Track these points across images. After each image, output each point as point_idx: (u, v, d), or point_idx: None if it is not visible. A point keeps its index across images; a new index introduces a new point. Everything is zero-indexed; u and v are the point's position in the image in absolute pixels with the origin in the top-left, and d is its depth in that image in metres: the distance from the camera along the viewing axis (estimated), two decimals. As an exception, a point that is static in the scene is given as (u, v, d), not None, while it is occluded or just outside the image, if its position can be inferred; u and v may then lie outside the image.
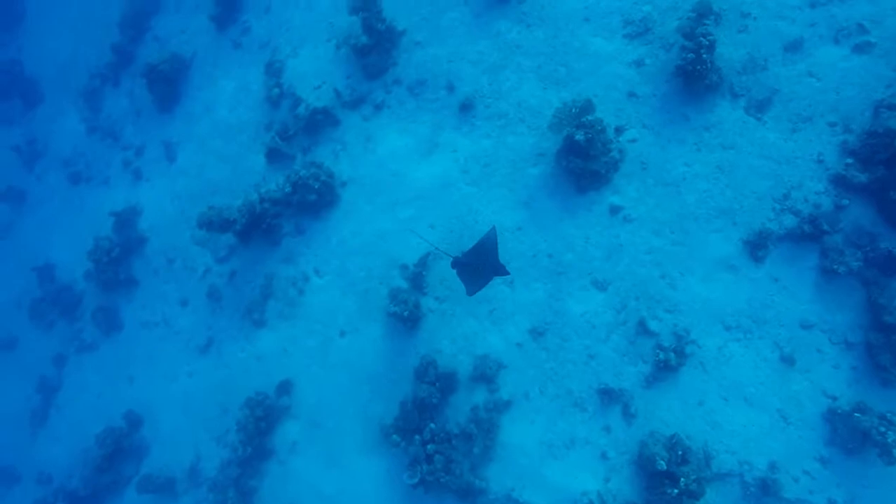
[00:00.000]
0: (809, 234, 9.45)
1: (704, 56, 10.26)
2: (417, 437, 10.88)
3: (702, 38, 10.26)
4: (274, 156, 14.37)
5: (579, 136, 10.63)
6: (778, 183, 9.95)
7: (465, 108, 12.82)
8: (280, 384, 12.99)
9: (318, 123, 14.18)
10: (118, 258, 16.12)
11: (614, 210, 10.94)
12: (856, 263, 9.11)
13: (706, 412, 9.51)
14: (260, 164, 14.95)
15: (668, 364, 9.69)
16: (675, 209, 10.54)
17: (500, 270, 9.37)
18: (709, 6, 10.71)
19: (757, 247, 9.75)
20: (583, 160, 10.87)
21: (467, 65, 13.16)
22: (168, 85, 16.96)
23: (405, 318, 11.57)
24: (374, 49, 13.74)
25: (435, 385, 10.98)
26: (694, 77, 10.54)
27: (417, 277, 12.13)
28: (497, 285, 11.58)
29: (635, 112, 11.32)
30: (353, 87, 14.22)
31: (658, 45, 11.44)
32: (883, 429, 8.44)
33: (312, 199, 13.43)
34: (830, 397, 8.98)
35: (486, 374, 10.91)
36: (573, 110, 10.90)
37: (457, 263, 9.71)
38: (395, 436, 11.06)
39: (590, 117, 10.79)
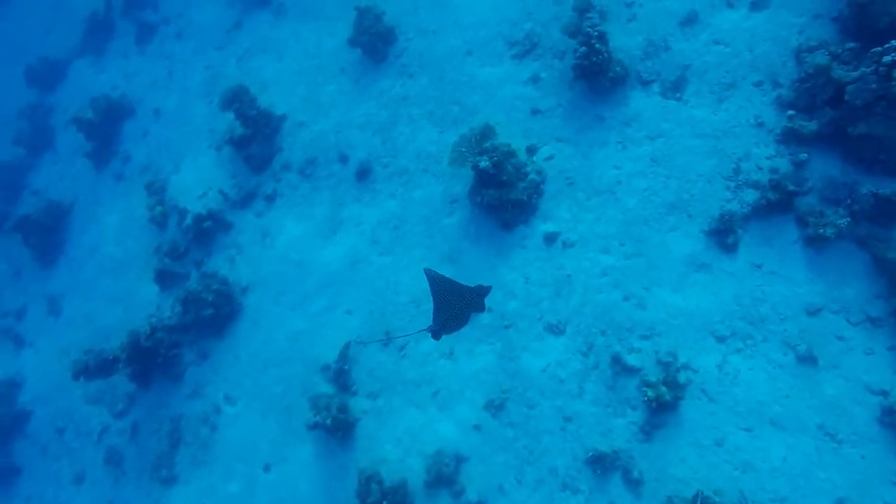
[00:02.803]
0: (777, 202, 7.50)
1: (598, 46, 8.77)
2: (375, 584, 7.80)
3: (590, 30, 8.83)
4: (165, 279, 11.98)
5: (484, 163, 8.74)
6: (723, 159, 8.14)
7: (363, 174, 10.94)
8: (201, 555, 9.73)
9: (207, 232, 12.01)
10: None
11: (550, 238, 8.86)
12: (842, 221, 7.11)
13: (730, 453, 6.92)
14: (153, 293, 12.48)
15: (661, 402, 7.20)
16: (618, 218, 8.55)
17: (479, 293, 6.84)
18: (587, 2, 9.43)
19: (723, 234, 7.72)
20: (497, 189, 8.91)
21: (356, 131, 11.46)
22: (46, 235, 14.70)
23: (330, 427, 8.83)
24: (253, 139, 11.98)
25: (384, 506, 8.08)
26: (595, 72, 8.99)
27: (341, 376, 9.52)
28: (435, 360, 9.08)
29: (544, 128, 9.61)
30: (239, 184, 12.26)
31: (549, 56, 10.01)
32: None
33: (209, 315, 10.93)
34: (879, 393, 6.59)
35: (443, 475, 8.09)
36: (472, 139, 9.11)
37: (438, 332, 7.10)
38: (346, 590, 7.94)
39: (493, 142, 9.00)
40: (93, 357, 10.59)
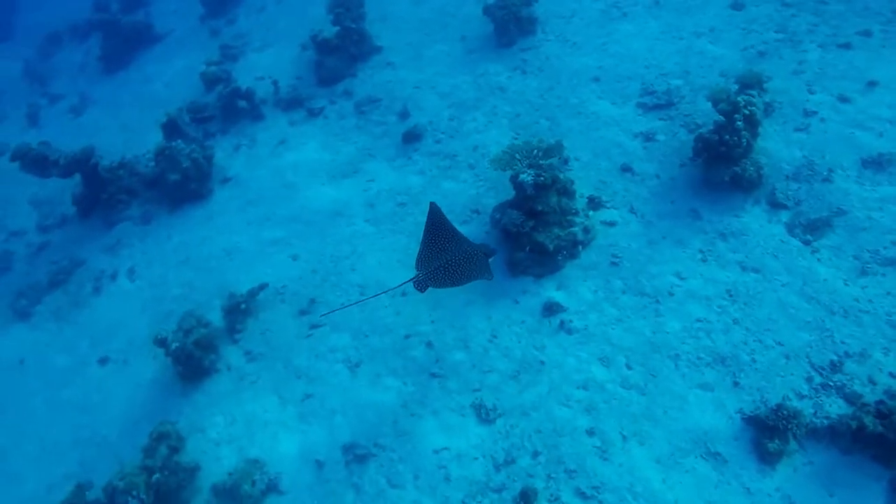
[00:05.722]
0: (875, 438, 4.72)
1: (739, 125, 6.41)
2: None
3: (740, 101, 6.50)
4: (171, 131, 10.45)
5: (527, 177, 6.51)
6: (825, 343, 5.44)
7: (410, 138, 9.01)
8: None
9: (237, 111, 10.50)
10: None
11: (551, 310, 6.42)
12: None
13: None
14: (156, 139, 11.05)
15: None
16: (644, 334, 5.98)
17: (486, 252, 5.65)
18: (757, 78, 7.12)
19: (768, 432, 4.98)
20: (526, 217, 6.62)
21: (434, 96, 9.61)
22: (122, 45, 13.93)
23: (175, 355, 6.71)
24: (336, 50, 10.43)
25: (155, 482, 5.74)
26: (719, 156, 6.60)
27: (236, 314, 7.40)
28: (334, 362, 6.77)
29: (625, 190, 7.27)
30: (295, 87, 10.72)
31: (679, 122, 7.72)
32: None
33: (174, 181, 9.26)
34: None
35: (240, 494, 5.68)
36: (533, 150, 6.91)
37: (423, 282, 5.25)
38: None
39: (552, 160, 6.76)
40: (38, 151, 9.13)
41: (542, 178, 6.47)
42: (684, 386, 5.53)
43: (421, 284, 5.28)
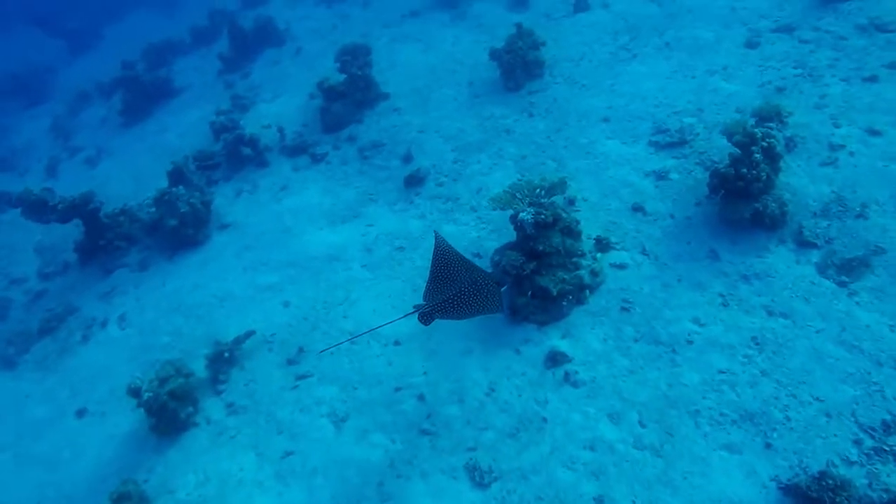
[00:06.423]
0: (941, 517, 3.90)
1: (757, 157, 5.87)
2: None
3: (756, 132, 6.00)
4: (176, 178, 10.31)
5: (526, 216, 6.02)
6: (874, 399, 4.67)
7: (413, 181, 8.69)
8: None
9: (241, 158, 10.39)
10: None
11: (555, 360, 5.78)
12: None
13: None
14: (161, 186, 10.98)
15: None
16: (660, 388, 5.29)
17: (497, 281, 5.18)
18: (776, 111, 6.66)
19: (811, 506, 4.20)
20: (527, 259, 6.09)
21: (438, 138, 9.34)
22: (141, 100, 14.22)
23: (149, 406, 6.20)
24: (342, 97, 10.33)
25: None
26: (738, 192, 6.05)
27: (220, 364, 6.90)
28: (318, 416, 6.17)
29: (636, 230, 6.72)
30: (301, 133, 10.61)
31: (694, 160, 7.22)
32: None
33: (171, 226, 9.03)
34: None
35: (196, 570, 5.02)
36: (536, 189, 6.45)
37: (429, 315, 4.77)
38: None
39: (555, 198, 6.28)
40: (38, 196, 9.04)
41: (542, 216, 5.98)
42: (706, 447, 4.78)
43: (426, 317, 4.76)
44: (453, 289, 4.89)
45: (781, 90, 7.59)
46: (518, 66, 9.51)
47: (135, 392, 6.32)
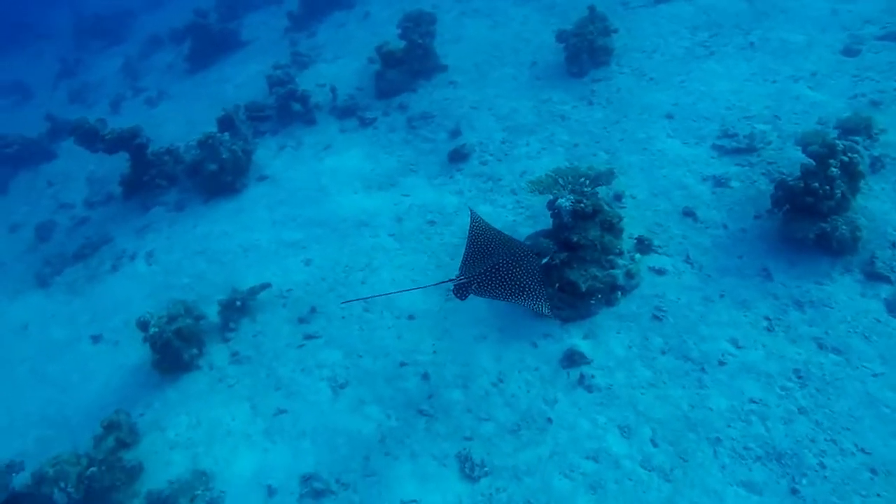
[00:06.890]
0: None
1: (833, 172, 5.23)
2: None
3: (836, 143, 5.34)
4: (225, 124, 10.29)
5: (564, 202, 5.58)
6: (926, 457, 4.08)
7: (457, 157, 8.33)
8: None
9: (291, 113, 10.28)
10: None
11: (572, 360, 5.36)
12: None
13: None
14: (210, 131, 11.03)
15: None
16: (681, 408, 4.79)
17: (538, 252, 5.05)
18: (865, 124, 5.95)
19: (835, 568, 3.67)
20: (557, 247, 5.66)
21: (490, 116, 8.94)
22: (210, 49, 14.39)
23: (153, 342, 6.15)
24: (399, 63, 10.04)
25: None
26: (804, 209, 5.42)
27: (231, 311, 6.80)
28: (321, 379, 5.97)
29: (682, 236, 6.16)
30: (354, 96, 10.37)
31: (760, 170, 6.56)
32: None
33: (210, 170, 9.00)
34: None
35: (171, 511, 4.91)
36: (581, 177, 5.99)
37: (465, 288, 4.42)
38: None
39: (600, 189, 5.81)
40: (91, 126, 9.20)
41: (582, 206, 5.53)
42: (723, 480, 4.28)
43: (462, 290, 4.39)
44: (491, 261, 4.51)
45: (876, 104, 6.79)
46: (584, 50, 8.96)
47: (143, 325, 6.29)
